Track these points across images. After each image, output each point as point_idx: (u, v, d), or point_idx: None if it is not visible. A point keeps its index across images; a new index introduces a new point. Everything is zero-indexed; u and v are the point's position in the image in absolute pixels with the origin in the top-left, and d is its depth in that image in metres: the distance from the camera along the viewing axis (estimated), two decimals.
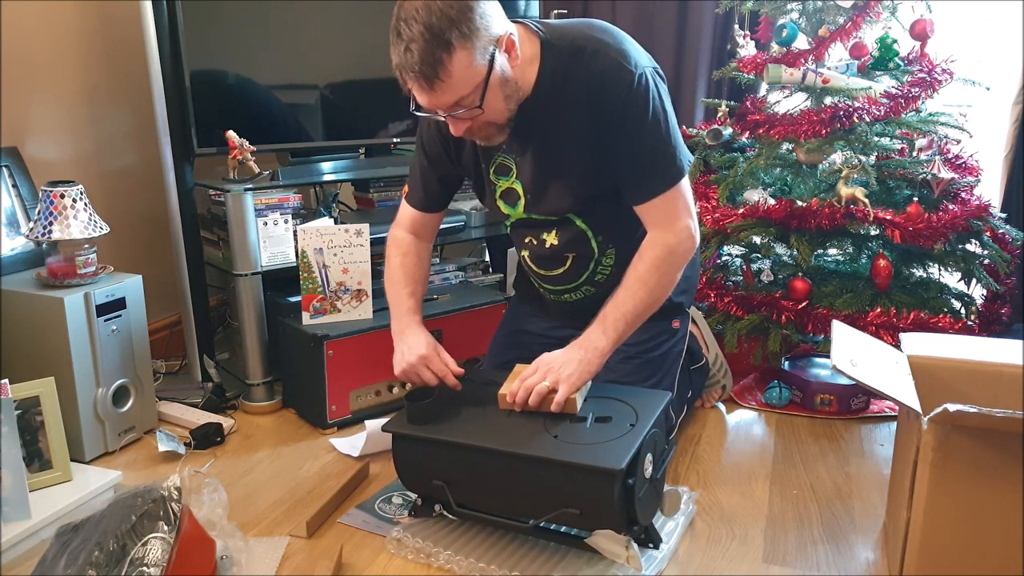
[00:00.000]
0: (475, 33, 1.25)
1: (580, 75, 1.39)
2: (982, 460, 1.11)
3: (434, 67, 1.24)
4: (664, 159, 1.42)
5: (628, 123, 1.39)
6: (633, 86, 1.37)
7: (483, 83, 1.30)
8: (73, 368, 1.64)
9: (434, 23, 1.22)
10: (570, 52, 1.40)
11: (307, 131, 2.14)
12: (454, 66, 1.25)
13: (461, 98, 1.30)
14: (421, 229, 1.69)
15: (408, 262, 1.64)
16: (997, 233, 1.98)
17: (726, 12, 2.38)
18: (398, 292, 1.60)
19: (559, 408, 1.33)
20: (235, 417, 1.90)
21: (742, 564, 1.32)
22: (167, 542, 1.12)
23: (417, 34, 1.22)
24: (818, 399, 1.89)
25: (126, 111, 2.16)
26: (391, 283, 1.63)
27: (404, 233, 1.68)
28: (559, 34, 1.42)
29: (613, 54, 1.38)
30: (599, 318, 1.43)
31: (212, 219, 2.07)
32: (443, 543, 1.34)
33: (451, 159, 1.60)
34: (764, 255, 2.06)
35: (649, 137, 1.40)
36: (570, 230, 1.55)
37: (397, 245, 1.66)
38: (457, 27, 1.23)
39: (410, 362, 1.49)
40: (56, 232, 1.63)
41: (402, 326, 1.56)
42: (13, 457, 1.38)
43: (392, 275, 1.63)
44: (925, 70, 2.03)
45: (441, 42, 1.22)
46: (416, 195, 1.67)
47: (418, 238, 1.68)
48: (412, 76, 1.26)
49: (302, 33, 2.07)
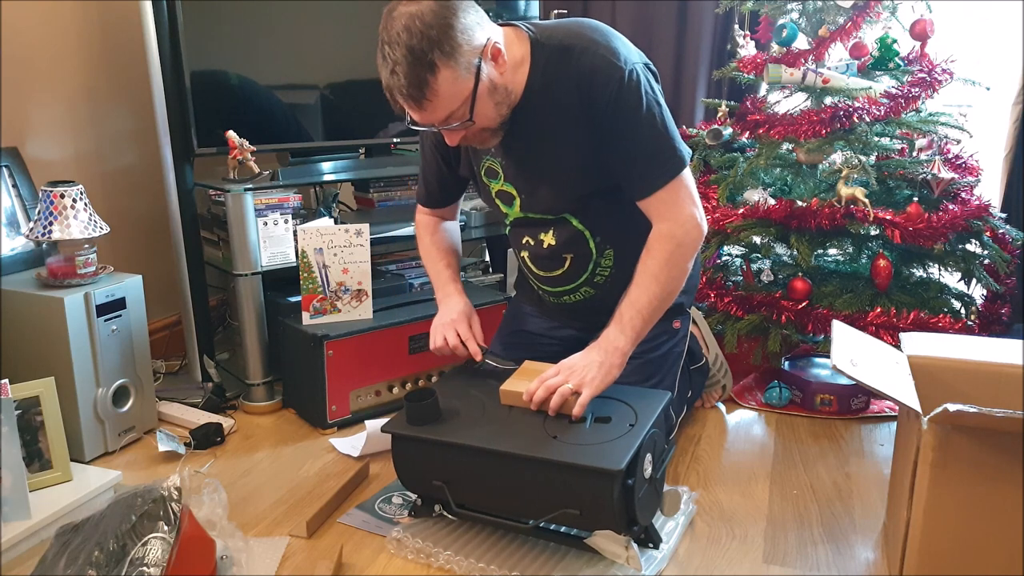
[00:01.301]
0: (457, 50, 1.27)
1: (569, 74, 1.39)
2: (982, 460, 1.11)
3: (420, 88, 1.27)
4: (663, 151, 1.42)
5: (622, 119, 1.39)
6: (624, 82, 1.37)
7: (471, 96, 1.32)
8: (73, 368, 1.64)
9: (415, 45, 1.24)
10: (559, 51, 1.40)
11: (307, 131, 2.15)
12: (440, 85, 1.27)
13: (451, 112, 1.33)
14: (440, 213, 1.77)
15: (438, 239, 1.73)
16: (997, 233, 1.98)
17: (726, 12, 2.38)
18: (435, 266, 1.70)
19: (579, 413, 1.32)
20: (235, 417, 1.90)
21: (742, 564, 1.31)
22: (167, 542, 1.12)
23: (401, 57, 1.25)
24: (818, 399, 1.89)
25: (126, 111, 2.16)
26: (427, 260, 1.72)
27: (426, 216, 1.77)
28: (548, 33, 1.43)
29: (602, 51, 1.39)
30: (615, 318, 1.43)
31: (212, 219, 2.07)
32: (443, 543, 1.34)
33: (449, 165, 1.65)
34: (764, 255, 2.06)
35: (645, 131, 1.40)
36: (567, 230, 1.56)
37: (424, 226, 1.75)
38: (439, 47, 1.25)
39: (438, 323, 1.58)
40: (56, 232, 1.63)
41: (443, 294, 1.64)
42: (13, 457, 1.38)
43: (427, 253, 1.72)
44: (925, 70, 2.03)
45: (424, 63, 1.25)
46: (422, 194, 1.75)
47: (441, 218, 1.77)
48: (401, 97, 1.31)
49: (302, 33, 2.07)
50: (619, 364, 1.40)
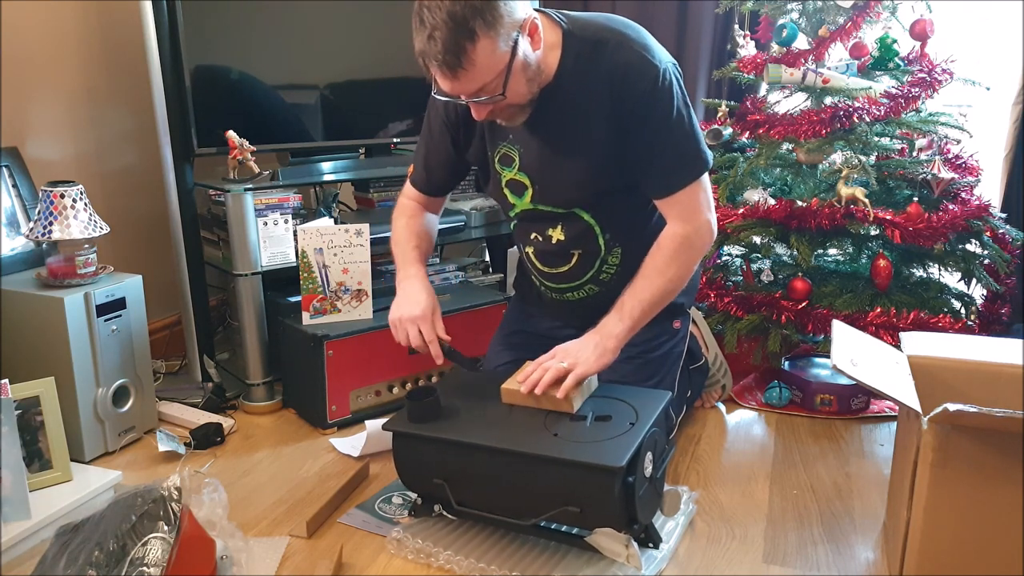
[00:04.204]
0: (499, 21, 1.24)
1: (603, 67, 1.38)
2: (982, 460, 1.11)
3: (458, 56, 1.24)
4: (688, 153, 1.43)
5: (653, 118, 1.39)
6: (659, 81, 1.37)
7: (506, 69, 1.29)
8: (73, 368, 1.63)
9: (458, 11, 1.21)
10: (592, 44, 1.39)
11: (307, 131, 2.14)
12: (478, 55, 1.25)
13: (484, 85, 1.30)
14: (426, 202, 1.71)
15: (413, 223, 1.66)
16: (997, 233, 1.98)
17: (726, 12, 2.38)
18: (402, 247, 1.62)
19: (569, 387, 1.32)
20: (235, 417, 1.90)
21: (742, 564, 1.31)
22: (167, 542, 1.12)
23: (441, 22, 1.22)
24: (818, 399, 1.89)
25: (126, 111, 2.16)
26: (396, 242, 1.64)
27: (410, 201, 1.70)
28: (580, 25, 1.42)
29: (637, 48, 1.38)
30: (616, 306, 1.44)
31: (212, 219, 2.07)
32: (443, 543, 1.34)
33: (457, 147, 1.60)
34: (764, 255, 2.06)
35: (674, 132, 1.41)
36: (577, 226, 1.55)
37: (402, 209, 1.69)
38: (481, 15, 1.22)
39: (400, 316, 1.50)
40: (56, 232, 1.63)
41: (403, 275, 1.57)
42: (13, 457, 1.38)
43: (397, 235, 1.65)
44: (925, 70, 2.03)
45: (465, 31, 1.22)
46: (419, 176, 1.68)
47: (425, 208, 1.70)
48: (435, 64, 1.26)
49: (302, 33, 2.07)
50: (613, 350, 1.40)
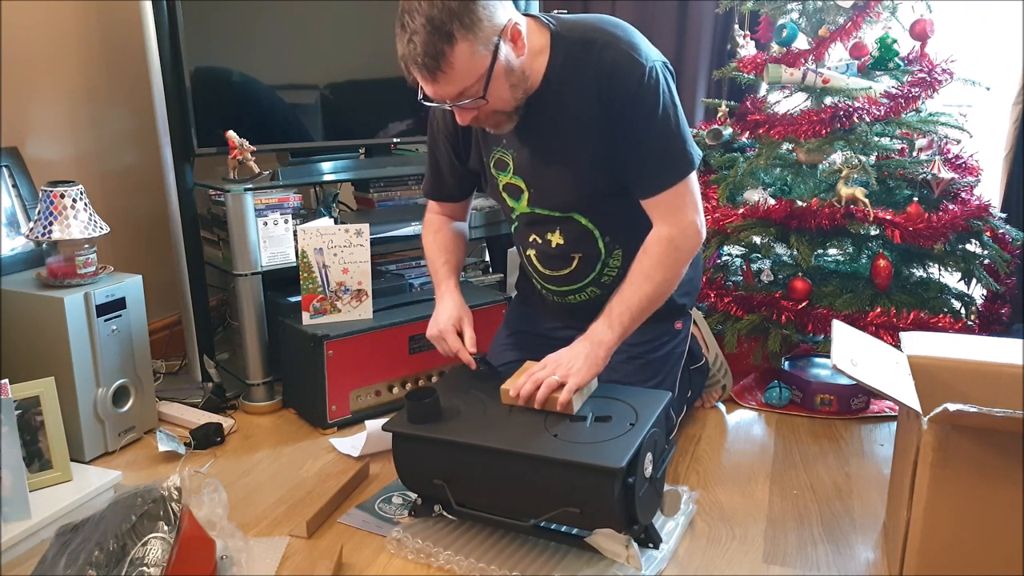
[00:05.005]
0: (477, 24, 1.26)
1: (590, 67, 1.39)
2: (982, 460, 1.11)
3: (436, 59, 1.26)
4: (673, 153, 1.43)
5: (639, 116, 1.39)
6: (644, 79, 1.37)
7: (487, 74, 1.31)
8: (73, 368, 1.63)
9: (435, 15, 1.23)
10: (580, 44, 1.40)
11: (307, 131, 2.14)
12: (456, 57, 1.26)
13: (465, 88, 1.31)
14: (450, 212, 1.75)
15: (440, 237, 1.71)
16: (997, 233, 1.98)
17: (726, 12, 2.38)
18: (434, 265, 1.69)
19: (566, 400, 1.33)
20: (235, 417, 1.90)
21: (742, 564, 1.31)
22: (167, 542, 1.12)
23: (419, 26, 1.24)
24: (818, 399, 1.89)
25: (126, 111, 2.16)
26: (429, 259, 1.71)
27: (434, 215, 1.76)
28: (569, 27, 1.43)
29: (624, 47, 1.38)
30: (604, 312, 1.44)
31: (212, 219, 2.07)
32: (443, 543, 1.34)
33: (460, 156, 1.63)
34: (764, 255, 2.06)
35: (660, 130, 1.41)
36: (576, 229, 1.55)
37: (429, 225, 1.75)
38: (459, 18, 1.24)
39: (430, 333, 1.59)
40: (56, 232, 1.63)
41: (440, 293, 1.64)
42: (13, 457, 1.38)
43: (429, 252, 1.71)
44: (925, 70, 2.03)
45: (443, 34, 1.24)
46: (432, 187, 1.73)
47: (450, 218, 1.74)
48: (415, 67, 1.29)
49: (302, 33, 2.07)
50: (604, 357, 1.40)
